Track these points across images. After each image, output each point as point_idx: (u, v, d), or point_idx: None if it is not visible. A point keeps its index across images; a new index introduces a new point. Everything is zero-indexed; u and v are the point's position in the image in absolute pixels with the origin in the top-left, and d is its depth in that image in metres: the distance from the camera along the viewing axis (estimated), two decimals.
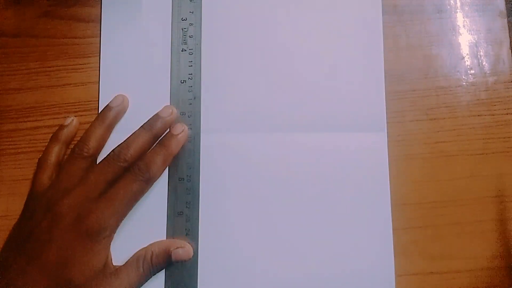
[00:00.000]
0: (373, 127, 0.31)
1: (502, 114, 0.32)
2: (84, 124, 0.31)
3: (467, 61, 0.32)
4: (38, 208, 0.27)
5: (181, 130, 0.29)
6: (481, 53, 0.32)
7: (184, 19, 0.32)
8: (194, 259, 0.29)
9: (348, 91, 0.31)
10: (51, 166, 0.29)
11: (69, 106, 0.32)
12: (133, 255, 0.28)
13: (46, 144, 0.31)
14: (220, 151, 0.31)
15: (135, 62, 0.32)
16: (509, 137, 0.31)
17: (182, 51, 0.31)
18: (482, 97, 0.32)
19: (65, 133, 0.30)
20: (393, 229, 0.30)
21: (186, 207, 0.30)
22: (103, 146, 0.30)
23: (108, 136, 0.30)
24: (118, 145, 0.29)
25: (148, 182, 0.28)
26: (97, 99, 0.31)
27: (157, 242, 0.29)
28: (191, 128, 0.30)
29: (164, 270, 0.29)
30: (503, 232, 0.30)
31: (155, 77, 0.31)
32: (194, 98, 0.31)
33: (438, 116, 0.32)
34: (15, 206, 0.30)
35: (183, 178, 0.30)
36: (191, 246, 0.29)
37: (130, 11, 0.32)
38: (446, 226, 0.30)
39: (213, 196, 0.30)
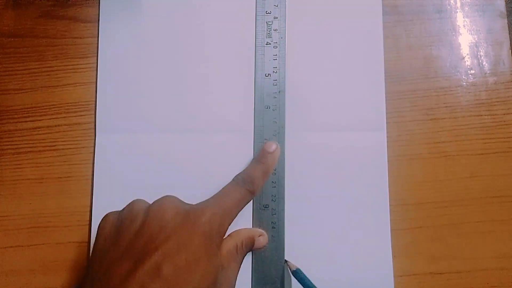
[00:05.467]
0: (373, 127, 0.31)
1: (502, 115, 0.32)
2: (83, 124, 0.31)
3: (467, 61, 0.32)
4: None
5: (274, 147, 0.30)
6: (481, 54, 0.32)
7: (268, 13, 0.32)
8: (280, 254, 0.30)
9: (348, 91, 0.31)
10: None
11: (68, 106, 0.32)
12: (224, 245, 0.27)
13: (45, 144, 0.31)
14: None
15: (133, 61, 0.32)
16: (509, 137, 0.31)
17: (266, 44, 0.31)
18: (482, 97, 0.32)
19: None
20: (392, 230, 0.30)
21: (272, 200, 0.30)
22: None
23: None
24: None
25: (251, 193, 0.29)
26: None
27: (239, 230, 0.29)
28: (275, 122, 0.31)
29: (250, 265, 0.30)
30: (503, 233, 0.30)
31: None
32: (279, 92, 0.31)
33: (438, 116, 0.32)
34: (15, 207, 0.30)
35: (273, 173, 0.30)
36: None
37: (128, 10, 0.32)
38: (445, 227, 0.30)
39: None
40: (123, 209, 0.27)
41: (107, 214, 0.27)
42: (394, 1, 0.33)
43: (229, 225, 0.27)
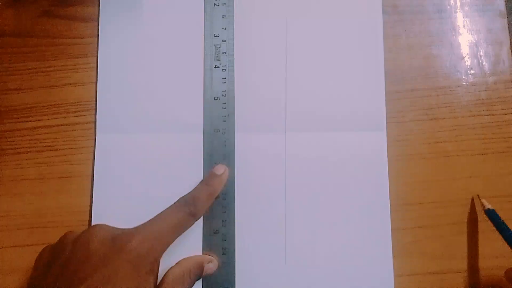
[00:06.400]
0: (373, 127, 0.31)
1: (502, 114, 0.32)
2: (83, 124, 0.31)
3: (467, 61, 0.32)
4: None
5: (223, 170, 0.30)
6: (481, 53, 0.32)
7: (216, 36, 0.31)
8: (231, 279, 0.29)
9: (348, 91, 0.31)
10: None
11: (68, 106, 0.32)
12: (170, 275, 0.27)
13: (45, 144, 0.31)
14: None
15: (133, 61, 0.32)
16: (509, 137, 0.31)
17: (215, 67, 0.31)
18: (482, 97, 0.32)
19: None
20: (392, 229, 0.30)
21: (222, 225, 0.30)
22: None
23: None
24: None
25: (193, 216, 0.28)
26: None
27: (188, 258, 0.29)
28: (225, 145, 0.30)
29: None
30: None
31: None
32: (228, 115, 0.31)
33: (438, 116, 0.32)
34: (15, 206, 0.30)
35: (219, 196, 0.30)
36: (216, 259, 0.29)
37: (129, 10, 0.32)
38: (445, 226, 0.30)
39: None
40: (57, 241, 0.27)
41: (44, 247, 0.27)
42: (394, 1, 0.33)
43: (163, 250, 0.26)
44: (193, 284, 0.28)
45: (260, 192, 0.30)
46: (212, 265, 0.29)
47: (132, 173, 0.31)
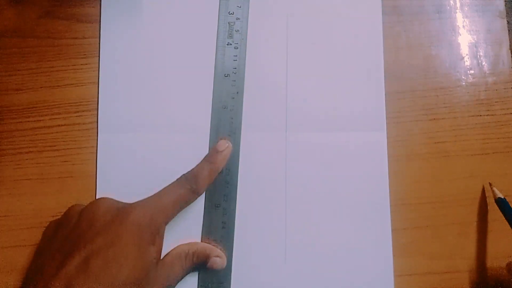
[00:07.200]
0: (373, 127, 0.31)
1: (501, 114, 0.32)
2: (84, 124, 0.31)
3: (466, 61, 0.32)
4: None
5: (225, 147, 0.30)
6: (481, 54, 0.32)
7: (231, 13, 0.32)
8: (229, 256, 0.30)
9: (348, 91, 0.31)
10: None
11: (69, 106, 0.32)
12: (176, 249, 0.28)
13: (46, 144, 0.31)
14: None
15: (135, 61, 0.32)
16: (508, 137, 0.32)
17: (227, 45, 0.31)
18: (482, 97, 0.32)
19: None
20: (392, 229, 0.30)
21: (224, 200, 0.30)
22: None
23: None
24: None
25: (194, 192, 0.28)
26: (97, 99, 0.31)
27: (198, 242, 0.29)
28: (232, 122, 0.31)
29: None
30: (502, 232, 0.30)
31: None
32: (237, 92, 0.31)
33: (437, 116, 0.32)
34: (16, 206, 0.30)
35: (222, 171, 0.30)
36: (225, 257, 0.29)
37: (129, 11, 0.32)
38: (445, 226, 0.30)
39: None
40: (63, 213, 0.28)
41: (51, 220, 0.28)
42: (394, 1, 0.33)
43: (165, 223, 0.27)
44: (192, 267, 0.28)
45: (260, 194, 0.30)
46: (219, 260, 0.29)
47: (135, 173, 0.31)
